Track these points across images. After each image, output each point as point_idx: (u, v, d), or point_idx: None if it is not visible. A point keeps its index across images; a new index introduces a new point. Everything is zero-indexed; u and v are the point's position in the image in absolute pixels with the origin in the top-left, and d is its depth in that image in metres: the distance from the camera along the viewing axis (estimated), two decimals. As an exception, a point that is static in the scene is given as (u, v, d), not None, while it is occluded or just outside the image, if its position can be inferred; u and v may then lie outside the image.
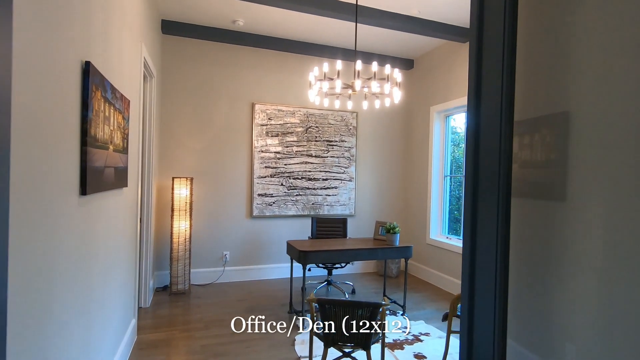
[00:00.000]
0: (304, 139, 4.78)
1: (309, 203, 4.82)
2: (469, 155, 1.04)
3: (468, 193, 1.05)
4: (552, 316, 0.86)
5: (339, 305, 2.00)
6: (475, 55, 1.03)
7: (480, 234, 1.03)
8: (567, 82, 0.83)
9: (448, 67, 4.50)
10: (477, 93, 1.04)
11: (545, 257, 0.88)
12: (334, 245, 3.38)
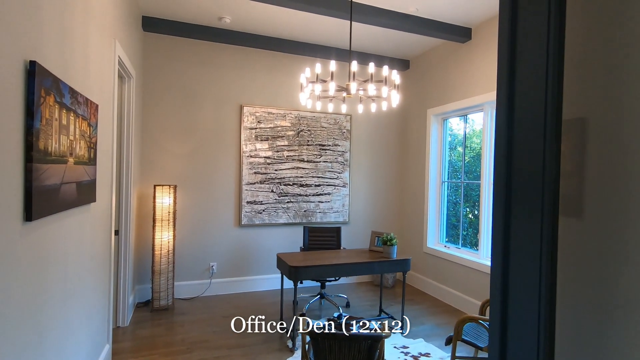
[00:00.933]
0: (295, 143, 4.55)
1: (300, 210, 4.58)
2: (500, 161, 0.83)
3: (499, 209, 0.84)
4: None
5: (333, 339, 1.77)
6: (508, 31, 0.81)
7: (515, 264, 0.82)
8: None
9: (445, 68, 4.31)
10: (510, 81, 0.81)
11: (606, 297, 0.67)
12: (327, 259, 3.15)
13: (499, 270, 0.84)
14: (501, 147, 0.83)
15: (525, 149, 0.78)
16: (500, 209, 0.85)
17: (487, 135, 3.81)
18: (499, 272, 0.84)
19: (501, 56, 0.82)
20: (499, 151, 0.84)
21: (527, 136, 0.77)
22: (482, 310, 2.63)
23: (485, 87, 3.74)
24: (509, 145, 0.82)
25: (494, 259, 0.86)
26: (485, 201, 3.82)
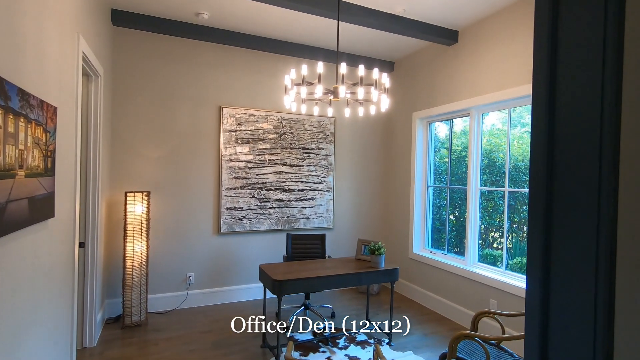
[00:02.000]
0: (277, 146, 4.36)
1: (283, 216, 4.40)
2: (538, 158, 0.69)
3: (536, 217, 0.71)
4: None
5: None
6: None
7: (559, 285, 0.68)
8: None
9: (431, 71, 4.23)
10: (551, 65, 0.68)
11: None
12: (313, 271, 2.99)
13: (537, 294, 0.70)
14: (539, 148, 0.69)
15: (572, 149, 0.64)
16: (538, 220, 0.72)
17: (473, 139, 3.75)
18: (537, 297, 0.70)
19: (539, 31, 0.68)
20: (536, 152, 0.70)
21: (575, 133, 0.63)
22: (474, 324, 2.54)
23: (471, 92, 3.68)
24: (550, 145, 0.68)
25: (531, 279, 0.72)
26: (472, 206, 3.76)
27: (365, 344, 3.19)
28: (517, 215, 3.53)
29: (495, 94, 3.40)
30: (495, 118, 3.78)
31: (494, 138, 3.84)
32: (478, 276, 3.54)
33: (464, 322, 3.66)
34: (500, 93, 3.34)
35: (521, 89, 3.14)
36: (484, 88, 3.54)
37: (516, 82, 3.21)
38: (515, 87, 3.20)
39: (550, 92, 0.68)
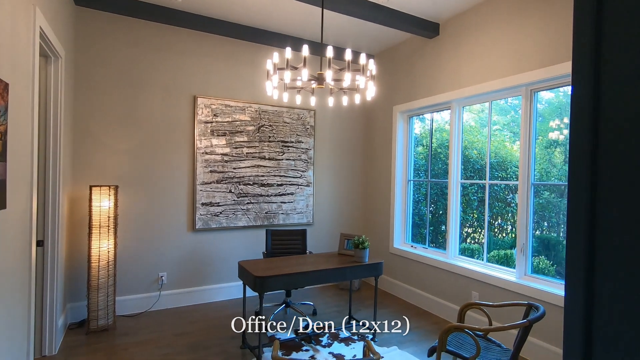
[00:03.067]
0: (255, 139, 4.19)
1: (262, 212, 4.24)
2: (579, 154, 0.62)
3: (577, 218, 0.63)
4: None
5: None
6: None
7: (605, 289, 0.61)
8: None
9: (412, 64, 4.20)
10: (597, 35, 0.59)
11: None
12: (295, 266, 2.87)
13: (579, 301, 0.63)
14: (582, 136, 0.62)
15: (623, 136, 0.56)
16: (579, 218, 0.64)
17: (454, 132, 3.75)
18: (579, 303, 0.63)
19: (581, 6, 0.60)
20: (577, 140, 0.63)
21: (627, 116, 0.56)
22: (461, 316, 2.50)
23: (452, 85, 3.67)
24: (594, 134, 0.61)
25: (570, 285, 0.65)
26: (453, 199, 3.76)
27: (349, 340, 3.10)
28: (490, 209, 3.58)
29: (476, 86, 3.40)
30: (469, 116, 3.83)
31: (468, 135, 3.89)
32: (459, 269, 3.53)
33: (446, 316, 3.65)
34: (481, 85, 3.35)
35: (502, 81, 3.15)
36: (465, 81, 3.53)
37: (497, 74, 3.22)
38: (497, 80, 3.21)
39: (595, 70, 0.59)
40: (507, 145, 3.57)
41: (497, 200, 3.59)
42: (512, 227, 3.74)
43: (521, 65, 3.02)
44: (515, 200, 3.76)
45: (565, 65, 2.70)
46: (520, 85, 3.07)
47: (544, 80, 2.88)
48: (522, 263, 3.09)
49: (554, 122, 3.27)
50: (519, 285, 2.99)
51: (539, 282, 2.94)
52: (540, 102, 3.11)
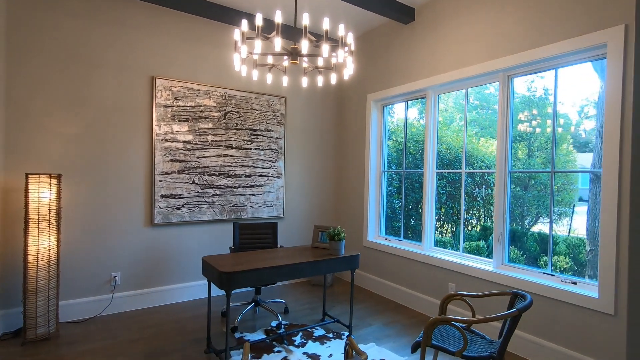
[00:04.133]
0: (221, 126, 3.88)
1: (228, 205, 3.94)
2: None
3: None
4: None
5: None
6: None
7: None
8: None
9: (386, 51, 4.07)
10: None
11: None
12: (266, 260, 2.62)
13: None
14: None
15: None
16: None
17: (430, 121, 3.65)
18: None
19: None
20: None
21: None
22: (442, 308, 2.37)
23: (428, 71, 3.56)
24: None
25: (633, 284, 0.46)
26: (429, 189, 3.66)
27: (324, 339, 2.90)
28: (458, 203, 3.57)
29: (452, 72, 3.31)
30: (444, 106, 3.80)
31: (439, 130, 3.84)
32: (436, 260, 3.44)
33: (423, 309, 3.55)
34: (458, 72, 3.26)
35: (479, 66, 3.07)
36: (441, 67, 3.44)
37: (474, 60, 3.14)
38: (473, 65, 3.13)
39: None
40: (473, 140, 3.57)
41: (465, 193, 3.59)
42: (478, 220, 3.75)
43: (498, 51, 2.95)
44: (482, 194, 3.80)
45: (542, 50, 2.65)
46: (497, 71, 3.00)
47: (520, 65, 2.82)
48: (500, 252, 3.03)
49: (522, 114, 3.27)
50: (496, 274, 2.92)
51: (517, 271, 2.89)
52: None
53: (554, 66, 2.70)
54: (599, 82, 3.08)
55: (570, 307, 2.48)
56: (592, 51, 2.45)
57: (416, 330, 3.12)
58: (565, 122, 3.08)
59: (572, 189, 3.14)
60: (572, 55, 2.55)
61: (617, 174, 2.26)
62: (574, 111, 2.99)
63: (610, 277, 2.28)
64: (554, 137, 2.80)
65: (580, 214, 3.14)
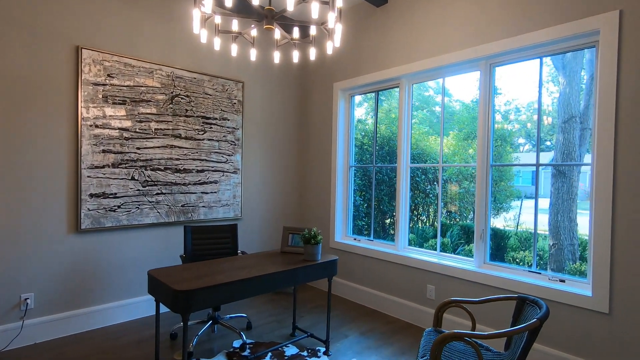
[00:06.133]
0: (167, 111, 3.28)
1: (177, 205, 3.35)
2: None
3: None
4: None
5: None
6: None
7: None
8: None
9: (356, 36, 3.76)
10: None
11: None
12: (231, 272, 2.15)
13: None
14: None
15: None
16: None
17: (404, 112, 3.41)
18: None
19: None
20: None
21: None
22: (437, 318, 2.11)
23: (402, 59, 3.32)
24: None
25: None
26: (403, 185, 3.42)
27: (297, 358, 2.50)
28: (412, 201, 3.48)
29: (428, 60, 3.09)
30: (390, 106, 3.66)
31: (392, 127, 3.69)
32: (411, 261, 3.21)
33: (400, 314, 3.29)
34: (435, 59, 3.04)
35: (458, 54, 2.88)
36: (416, 54, 3.20)
37: (453, 47, 2.94)
38: (452, 53, 2.93)
39: None
40: (426, 138, 3.49)
41: (418, 190, 3.54)
42: (427, 217, 3.70)
43: (480, 37, 2.78)
44: (435, 191, 3.73)
45: (528, 37, 2.50)
46: (479, 59, 2.83)
47: (504, 52, 2.67)
48: (482, 250, 2.86)
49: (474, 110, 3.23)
50: (479, 274, 2.75)
51: (501, 270, 2.74)
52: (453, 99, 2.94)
53: (539, 54, 2.58)
54: (562, 79, 3.11)
55: (562, 307, 2.36)
56: (582, 38, 2.35)
57: (396, 338, 2.84)
58: (519, 118, 3.08)
59: (509, 185, 3.17)
60: (560, 42, 2.43)
61: (611, 168, 2.16)
62: (528, 107, 3.02)
63: (604, 274, 2.18)
64: (539, 129, 2.69)
65: (527, 208, 3.19)
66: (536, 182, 2.69)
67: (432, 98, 3.53)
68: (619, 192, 2.14)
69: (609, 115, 2.17)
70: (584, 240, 3.26)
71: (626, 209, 2.11)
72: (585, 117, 3.22)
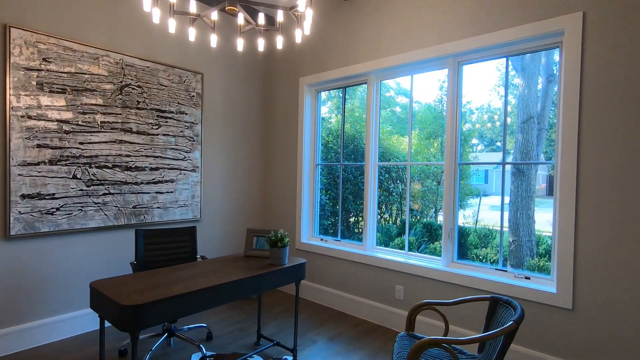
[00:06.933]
0: (116, 103, 2.96)
1: (127, 206, 3.04)
2: None
3: None
4: None
5: None
6: None
7: None
8: None
9: (322, 30, 3.63)
10: None
11: None
12: (188, 280, 1.94)
13: None
14: None
15: None
16: None
17: (372, 109, 3.33)
18: None
19: None
20: None
21: None
22: (410, 321, 2.03)
23: (370, 54, 3.24)
24: None
25: None
26: (371, 183, 3.35)
27: (263, 370, 2.33)
28: (383, 197, 3.48)
29: (397, 56, 3.03)
30: (354, 105, 3.63)
31: (356, 125, 3.67)
32: (379, 261, 3.14)
33: (367, 316, 3.22)
34: (403, 56, 2.99)
35: (427, 50, 2.84)
36: (384, 50, 3.13)
37: (421, 43, 2.90)
38: (421, 49, 2.89)
39: None
40: (387, 137, 3.50)
41: (381, 189, 3.57)
42: (390, 215, 3.72)
43: (449, 34, 2.75)
44: (398, 189, 3.75)
45: (496, 35, 2.51)
46: (447, 56, 2.80)
47: (472, 50, 2.66)
48: (449, 249, 2.85)
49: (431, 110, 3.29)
50: (448, 273, 2.74)
51: (468, 269, 2.74)
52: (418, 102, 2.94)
53: (506, 54, 2.59)
54: (521, 80, 3.21)
55: (528, 304, 2.39)
56: (547, 38, 2.38)
57: (366, 341, 2.76)
58: (472, 119, 3.17)
59: (468, 184, 3.27)
60: (527, 42, 2.45)
61: (575, 167, 2.20)
62: (486, 106, 3.12)
63: (568, 271, 2.22)
64: (505, 129, 2.71)
65: (483, 205, 3.31)
66: (502, 181, 2.71)
67: (393, 98, 3.53)
68: (582, 190, 2.18)
69: (573, 114, 2.21)
70: (541, 237, 3.38)
71: (589, 207, 2.16)
72: (541, 118, 3.33)
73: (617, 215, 2.06)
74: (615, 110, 2.08)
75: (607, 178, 2.10)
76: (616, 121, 2.07)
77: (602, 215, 2.11)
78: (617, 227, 2.06)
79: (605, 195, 2.10)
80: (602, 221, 2.11)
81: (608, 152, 2.10)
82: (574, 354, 2.20)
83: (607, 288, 2.09)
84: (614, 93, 2.08)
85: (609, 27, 2.09)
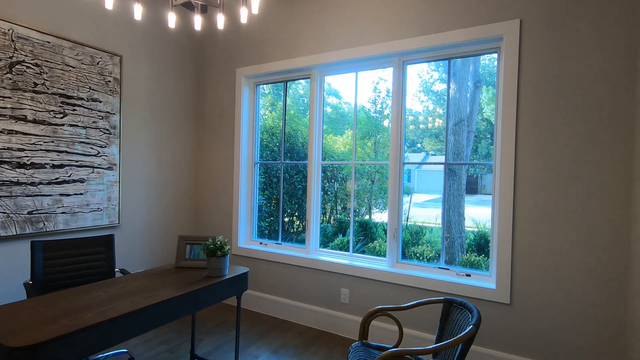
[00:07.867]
0: (5, 84, 2.37)
1: (20, 212, 2.46)
2: None
3: None
4: None
5: None
6: None
7: None
8: None
9: (265, 18, 3.37)
10: None
11: None
12: (105, 305, 1.57)
13: None
14: None
15: None
16: None
17: (316, 106, 3.18)
18: None
19: None
20: None
21: None
22: (364, 329, 1.92)
23: (315, 47, 3.08)
24: None
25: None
26: (314, 183, 3.20)
27: (199, 398, 2.03)
28: (321, 195, 3.46)
29: (343, 51, 2.92)
30: (290, 102, 3.54)
31: (293, 123, 3.57)
32: (323, 264, 3.01)
33: (312, 322, 3.06)
34: (348, 51, 2.90)
35: (372, 47, 2.78)
36: (330, 44, 3.01)
37: (367, 40, 2.83)
38: (366, 46, 2.82)
39: None
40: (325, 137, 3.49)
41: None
42: (324, 214, 3.73)
43: (394, 32, 2.72)
44: (333, 188, 3.75)
45: (438, 37, 2.53)
46: (392, 55, 2.77)
47: (418, 50, 2.66)
48: (394, 250, 2.83)
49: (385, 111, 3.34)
50: (393, 274, 2.70)
51: (413, 268, 2.74)
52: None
53: (449, 57, 2.63)
54: (453, 84, 3.40)
55: (470, 301, 2.44)
56: (488, 43, 2.45)
57: (312, 350, 2.60)
58: (413, 120, 3.27)
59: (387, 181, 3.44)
60: (468, 45, 2.51)
61: (513, 167, 2.30)
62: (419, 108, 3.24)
63: (505, 267, 2.31)
64: (447, 132, 2.75)
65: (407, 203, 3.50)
66: (444, 181, 2.76)
67: (324, 99, 3.48)
68: (519, 189, 2.29)
69: (511, 117, 2.31)
70: (471, 233, 3.56)
71: (525, 205, 2.27)
72: (470, 121, 3.50)
73: (550, 209, 2.19)
74: (548, 113, 2.20)
75: (540, 176, 2.22)
76: (549, 123, 2.20)
77: (538, 212, 2.23)
78: (553, 222, 2.19)
79: (539, 193, 2.22)
80: (537, 217, 2.23)
81: (542, 151, 2.22)
82: (514, 347, 2.30)
83: (543, 282, 2.22)
84: (545, 97, 2.21)
85: (544, 34, 2.21)
